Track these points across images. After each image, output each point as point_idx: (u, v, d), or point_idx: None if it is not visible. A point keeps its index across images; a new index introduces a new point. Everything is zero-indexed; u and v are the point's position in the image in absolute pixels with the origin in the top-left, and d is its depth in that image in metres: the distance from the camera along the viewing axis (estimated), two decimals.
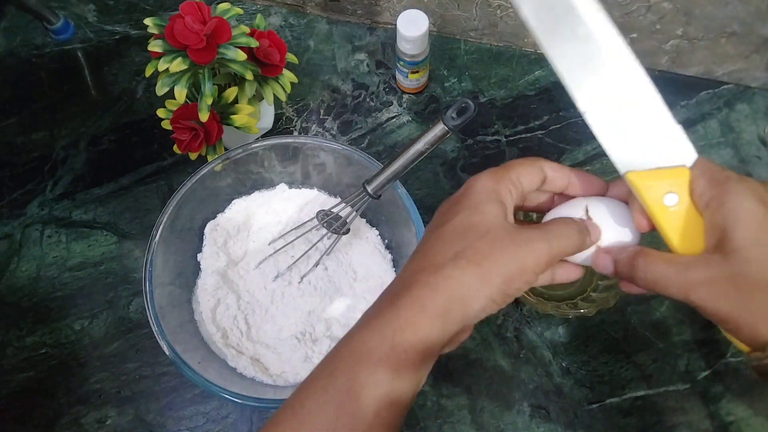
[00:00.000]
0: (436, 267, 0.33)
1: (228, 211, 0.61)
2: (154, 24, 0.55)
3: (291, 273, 0.57)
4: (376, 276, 0.57)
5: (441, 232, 0.35)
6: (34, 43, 0.76)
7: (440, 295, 0.32)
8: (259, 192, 0.62)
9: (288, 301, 0.56)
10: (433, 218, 0.38)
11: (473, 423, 0.55)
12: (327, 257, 0.57)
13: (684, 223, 0.35)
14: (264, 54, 0.58)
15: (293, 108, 0.70)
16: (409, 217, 0.53)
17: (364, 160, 0.55)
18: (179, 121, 0.58)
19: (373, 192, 0.51)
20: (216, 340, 0.55)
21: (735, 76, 0.68)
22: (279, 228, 0.60)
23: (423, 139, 0.47)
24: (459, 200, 0.36)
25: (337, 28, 0.75)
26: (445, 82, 0.71)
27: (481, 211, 0.35)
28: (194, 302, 0.57)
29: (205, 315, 0.56)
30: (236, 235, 0.60)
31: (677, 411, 0.55)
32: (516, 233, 0.34)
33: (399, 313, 0.32)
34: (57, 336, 0.60)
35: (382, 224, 0.60)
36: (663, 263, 0.34)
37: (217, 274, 0.57)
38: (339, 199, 0.61)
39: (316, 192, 0.62)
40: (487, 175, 0.37)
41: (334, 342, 0.55)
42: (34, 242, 0.64)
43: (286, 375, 0.54)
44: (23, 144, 0.70)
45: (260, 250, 0.59)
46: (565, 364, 0.57)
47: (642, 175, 0.35)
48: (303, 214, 0.60)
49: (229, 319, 0.56)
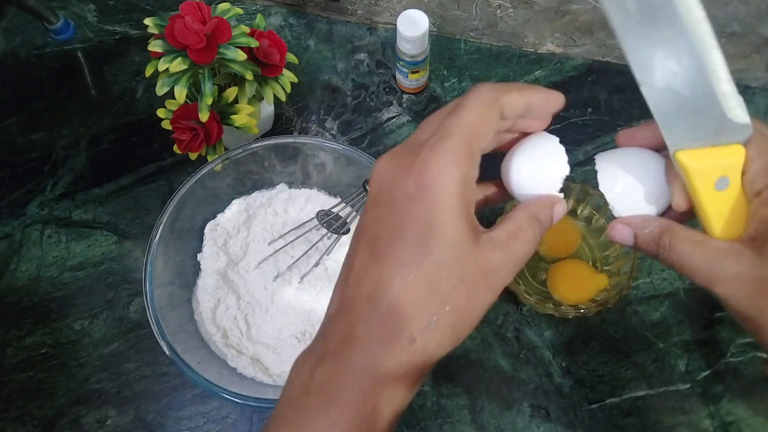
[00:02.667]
0: (401, 339, 0.27)
1: (228, 211, 0.61)
2: (154, 24, 0.55)
3: (291, 273, 0.57)
4: None
5: (393, 276, 0.28)
6: (34, 43, 0.76)
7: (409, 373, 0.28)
8: (259, 192, 0.62)
9: (288, 301, 0.56)
10: (360, 229, 0.30)
11: (473, 423, 0.55)
12: (327, 257, 0.57)
13: (729, 208, 0.31)
14: (264, 54, 0.58)
15: (293, 108, 0.70)
16: None
17: (364, 160, 0.55)
18: (179, 121, 0.58)
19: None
20: (216, 340, 0.55)
21: (735, 76, 0.67)
22: (279, 228, 0.60)
23: None
24: (406, 209, 0.28)
25: (337, 28, 0.75)
26: (445, 82, 0.71)
27: (441, 237, 0.27)
28: (194, 302, 0.57)
29: (205, 315, 0.56)
30: (236, 235, 0.60)
31: (677, 411, 0.55)
32: (485, 266, 0.28)
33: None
34: (57, 336, 0.60)
35: None
36: (691, 246, 0.31)
37: (217, 274, 0.57)
38: (339, 199, 0.61)
39: (316, 192, 0.62)
40: (450, 169, 0.28)
41: None
42: (34, 242, 0.64)
43: (285, 375, 0.53)
44: (23, 144, 0.70)
45: (260, 250, 0.59)
46: (565, 364, 0.57)
47: (693, 155, 0.31)
48: (303, 214, 0.60)
49: (229, 319, 0.56)
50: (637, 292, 0.59)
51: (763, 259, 0.29)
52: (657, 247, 0.32)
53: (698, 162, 0.31)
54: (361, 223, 0.30)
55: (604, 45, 0.69)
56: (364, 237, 0.30)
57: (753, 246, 0.30)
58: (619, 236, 0.33)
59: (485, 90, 0.30)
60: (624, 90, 0.70)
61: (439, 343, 0.28)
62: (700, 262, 0.31)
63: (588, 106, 0.69)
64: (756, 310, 0.30)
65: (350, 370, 0.28)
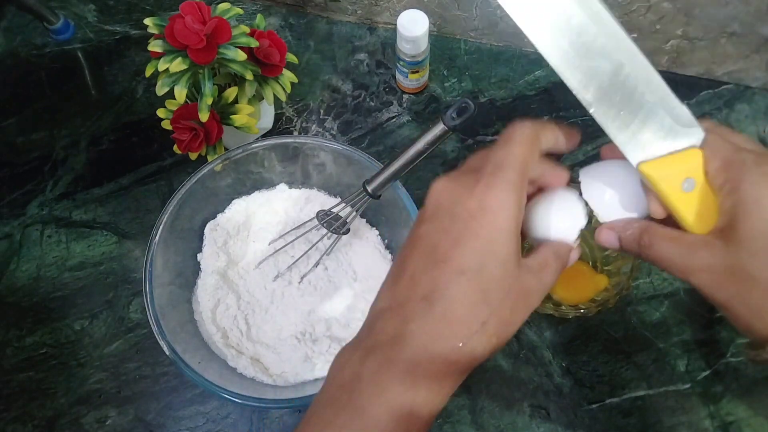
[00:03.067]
0: (461, 336, 0.30)
1: (228, 211, 0.61)
2: (154, 24, 0.55)
3: (291, 273, 0.57)
4: (375, 276, 0.57)
5: (451, 280, 0.30)
6: (34, 43, 0.76)
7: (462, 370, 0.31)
8: (259, 192, 0.62)
9: (288, 301, 0.57)
10: (417, 237, 0.33)
11: (473, 423, 0.55)
12: (327, 257, 0.57)
13: (700, 205, 0.34)
14: (264, 54, 0.58)
15: (293, 108, 0.70)
16: (410, 217, 0.53)
17: (365, 160, 0.55)
18: (179, 121, 0.58)
19: (373, 192, 0.51)
20: (216, 340, 0.55)
21: (735, 76, 0.68)
22: (279, 228, 0.60)
23: (423, 138, 0.47)
24: (467, 224, 0.31)
25: (337, 28, 0.75)
26: (445, 82, 0.71)
27: (497, 253, 0.31)
28: (194, 302, 0.57)
29: (205, 315, 0.56)
30: (236, 235, 0.60)
31: (677, 411, 0.55)
32: (524, 286, 0.32)
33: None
34: (57, 336, 0.60)
35: (382, 224, 0.60)
36: (667, 242, 0.34)
37: (217, 274, 0.57)
38: (339, 199, 0.61)
39: (316, 192, 0.62)
40: (508, 195, 0.32)
41: (334, 341, 0.55)
42: (34, 242, 0.64)
43: (286, 375, 0.54)
44: (23, 144, 0.70)
45: (260, 250, 0.59)
46: (565, 364, 0.57)
47: (655, 165, 0.34)
48: (303, 214, 0.60)
49: (229, 319, 0.56)
50: (637, 292, 0.59)
51: (731, 248, 0.32)
52: (638, 246, 0.35)
53: (661, 171, 0.34)
54: (417, 232, 0.33)
55: None
56: (421, 244, 0.33)
57: (721, 237, 0.32)
58: (605, 240, 0.37)
59: (528, 127, 0.34)
60: None
61: (484, 348, 0.31)
62: (676, 257, 0.33)
63: None
64: (729, 298, 0.32)
65: (402, 362, 0.30)
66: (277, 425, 0.56)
